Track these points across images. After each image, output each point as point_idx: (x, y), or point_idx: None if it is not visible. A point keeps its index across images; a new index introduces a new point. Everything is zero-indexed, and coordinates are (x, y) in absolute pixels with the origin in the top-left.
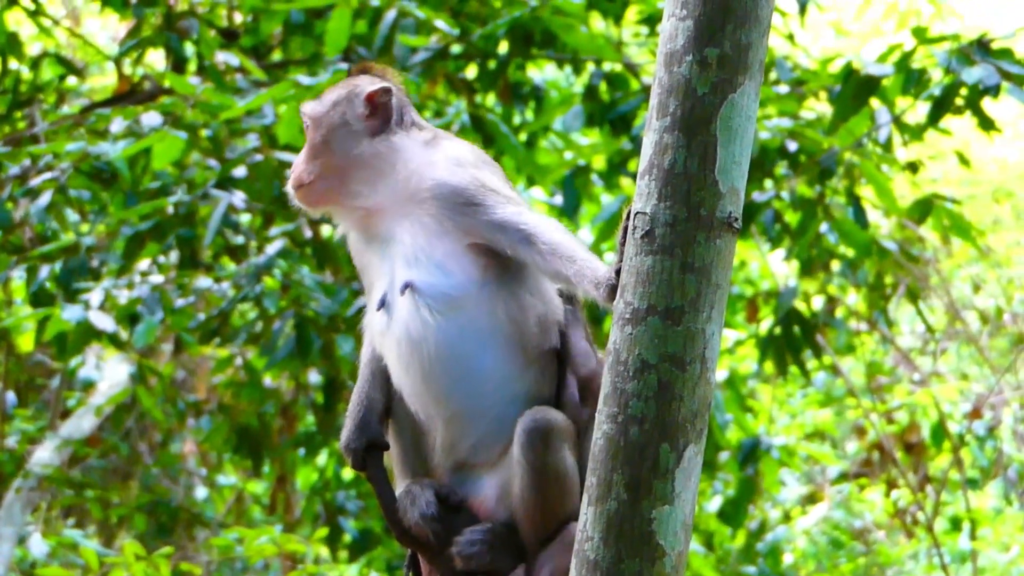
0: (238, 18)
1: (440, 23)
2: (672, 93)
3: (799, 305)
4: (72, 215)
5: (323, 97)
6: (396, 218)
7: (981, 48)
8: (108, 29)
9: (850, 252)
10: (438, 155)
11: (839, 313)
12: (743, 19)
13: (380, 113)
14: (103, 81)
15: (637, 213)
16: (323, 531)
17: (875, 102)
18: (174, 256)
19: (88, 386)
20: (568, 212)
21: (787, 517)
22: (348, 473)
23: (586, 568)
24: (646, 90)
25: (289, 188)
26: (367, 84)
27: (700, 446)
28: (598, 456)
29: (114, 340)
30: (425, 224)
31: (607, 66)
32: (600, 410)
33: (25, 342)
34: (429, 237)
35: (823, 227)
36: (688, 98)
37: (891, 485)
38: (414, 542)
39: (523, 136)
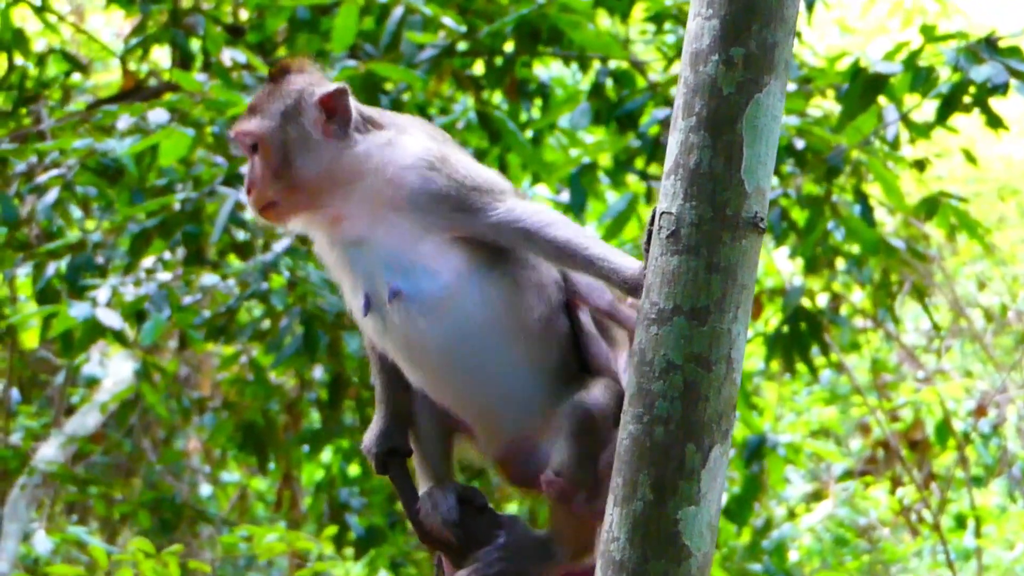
0: (243, 15)
1: (447, 20)
2: (698, 93)
3: (804, 302)
4: (76, 212)
5: (264, 110)
6: (369, 223)
7: (989, 46)
8: (112, 25)
9: (855, 249)
10: (406, 157)
11: (843, 311)
12: (769, 18)
13: (338, 117)
14: (107, 77)
15: (663, 213)
16: (332, 529)
17: (882, 100)
18: (180, 253)
19: (92, 383)
20: (575, 210)
21: (792, 514)
22: (353, 470)
23: (612, 569)
24: (653, 87)
25: (253, 210)
26: (314, 87)
27: (726, 447)
28: (624, 457)
29: (119, 337)
30: (404, 228)
31: (613, 63)
32: (625, 411)
33: (29, 339)
34: (410, 241)
35: (829, 224)
36: (714, 98)
37: (896, 483)
38: (437, 544)
39: (529, 133)
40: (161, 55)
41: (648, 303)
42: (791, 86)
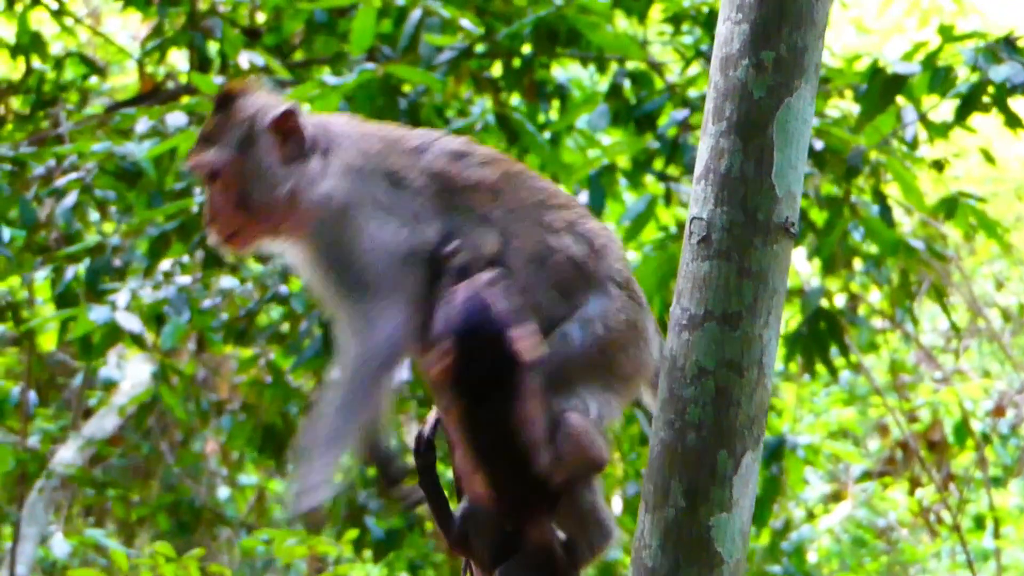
0: (260, 17)
1: (465, 22)
2: (728, 97)
3: (822, 302)
4: (93, 215)
5: (218, 140)
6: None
7: (1008, 46)
8: (129, 28)
9: (873, 249)
10: (315, 198)
11: (861, 311)
12: (799, 22)
13: (292, 139)
14: (124, 80)
15: (693, 218)
16: (353, 533)
17: (900, 100)
18: (198, 256)
19: (110, 386)
20: (594, 211)
21: (811, 516)
22: (371, 471)
23: (643, 575)
24: (671, 89)
25: (215, 240)
26: (264, 111)
27: (757, 453)
28: (655, 463)
29: (138, 340)
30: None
31: (631, 65)
32: (657, 416)
33: (47, 341)
34: None
35: (848, 225)
36: (744, 102)
37: (914, 483)
38: (464, 553)
39: (546, 135)
40: (178, 57)
41: (679, 308)
42: None
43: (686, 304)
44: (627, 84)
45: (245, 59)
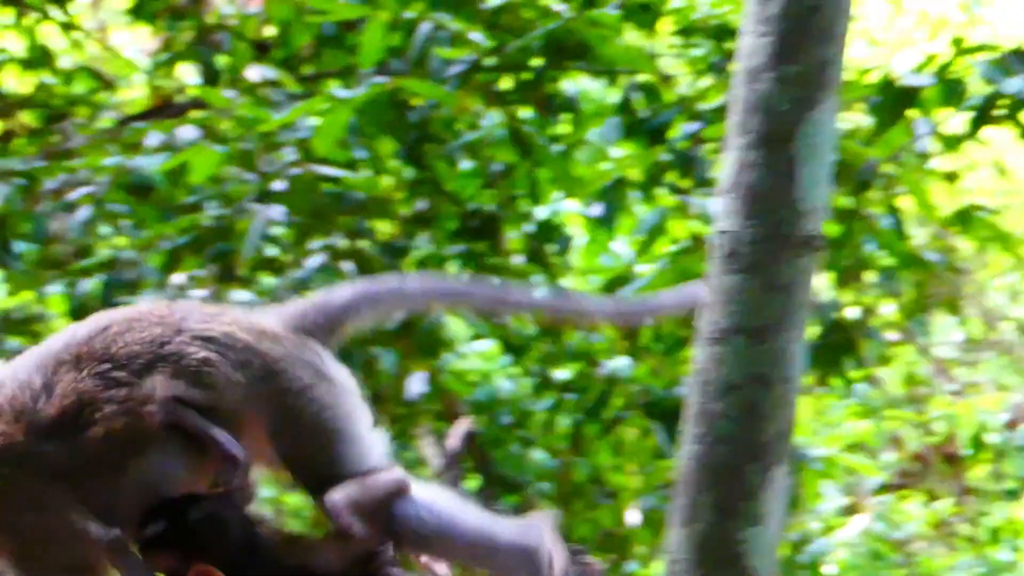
0: (268, 31)
1: (475, 35)
2: (753, 111)
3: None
4: (105, 228)
5: None
6: None
7: (1020, 58)
8: (137, 42)
9: (886, 262)
10: None
11: (873, 323)
12: (821, 36)
13: None
14: (133, 94)
15: (720, 232)
16: None
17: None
18: (211, 269)
19: None
20: (607, 223)
21: (827, 529)
22: None
23: None
24: (682, 101)
25: None
26: None
27: (785, 466)
28: (685, 477)
29: None
30: None
31: (641, 77)
32: (687, 431)
33: None
34: None
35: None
36: (769, 115)
37: (931, 496)
38: None
39: (556, 148)
40: (186, 71)
41: (707, 322)
42: None
43: (715, 318)
44: (638, 96)
45: (256, 73)
